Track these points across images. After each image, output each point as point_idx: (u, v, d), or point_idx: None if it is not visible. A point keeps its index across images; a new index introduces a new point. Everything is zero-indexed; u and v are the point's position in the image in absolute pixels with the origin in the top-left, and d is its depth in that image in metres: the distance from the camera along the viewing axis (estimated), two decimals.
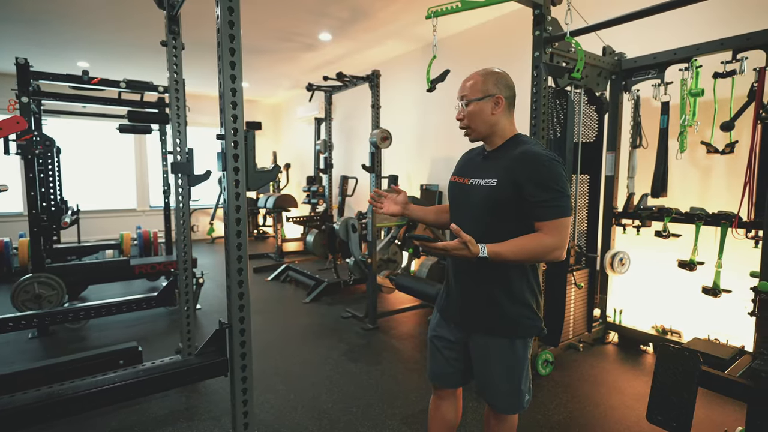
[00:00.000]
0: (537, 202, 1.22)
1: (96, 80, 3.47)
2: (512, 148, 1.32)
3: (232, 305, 1.65)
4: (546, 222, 1.22)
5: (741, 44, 2.44)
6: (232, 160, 1.59)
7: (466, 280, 1.38)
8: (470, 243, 1.16)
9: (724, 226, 2.55)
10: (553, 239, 1.21)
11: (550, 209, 1.21)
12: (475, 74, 1.36)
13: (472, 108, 1.33)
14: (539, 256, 1.23)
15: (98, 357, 2.30)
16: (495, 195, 1.27)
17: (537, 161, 1.23)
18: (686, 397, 1.60)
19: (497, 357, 1.35)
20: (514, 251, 1.21)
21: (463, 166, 1.47)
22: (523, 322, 1.34)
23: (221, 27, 1.54)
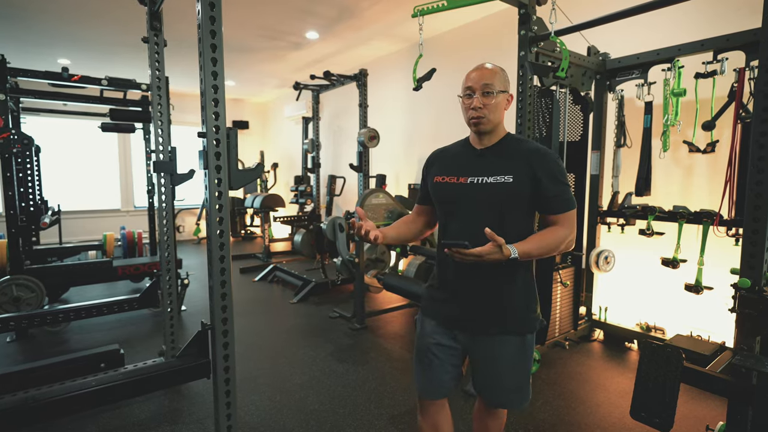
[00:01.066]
0: (552, 195, 1.26)
1: (76, 77, 3.39)
2: (515, 145, 1.33)
3: (215, 306, 1.62)
4: (561, 214, 1.27)
5: (721, 45, 2.48)
6: (214, 159, 1.56)
7: (475, 280, 1.32)
8: (504, 245, 1.16)
9: (705, 224, 2.59)
10: (568, 230, 1.27)
11: (564, 202, 1.27)
12: (494, 67, 1.32)
13: (498, 99, 1.29)
14: (558, 247, 1.27)
15: (78, 360, 2.24)
16: (512, 191, 1.26)
17: (549, 156, 1.29)
18: (669, 393, 1.62)
19: (509, 355, 1.34)
20: (539, 247, 1.23)
21: (449, 166, 1.40)
22: (531, 317, 1.35)
23: (202, 23, 1.51)
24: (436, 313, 1.42)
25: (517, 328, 1.33)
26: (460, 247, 1.17)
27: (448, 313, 1.38)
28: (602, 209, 3.15)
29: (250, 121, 8.90)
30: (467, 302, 1.34)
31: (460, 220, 1.34)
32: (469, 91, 1.31)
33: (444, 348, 1.39)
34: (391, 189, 5.45)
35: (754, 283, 1.68)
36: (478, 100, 1.28)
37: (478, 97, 1.28)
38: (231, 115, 8.74)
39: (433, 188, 1.42)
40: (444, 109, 4.68)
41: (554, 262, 2.82)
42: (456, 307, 1.36)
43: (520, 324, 1.33)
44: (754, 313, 1.63)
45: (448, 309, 1.38)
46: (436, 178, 1.40)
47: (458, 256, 1.18)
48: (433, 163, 1.46)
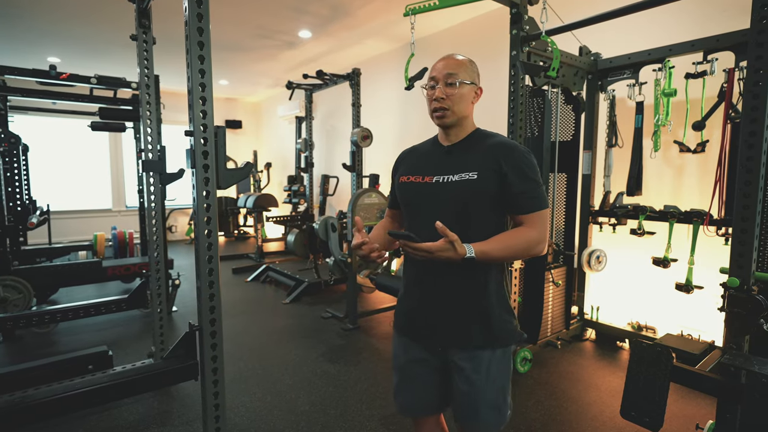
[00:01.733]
0: (518, 192, 1.15)
1: (65, 75, 3.34)
2: (481, 140, 1.23)
3: (203, 307, 1.60)
4: (528, 214, 1.16)
5: (711, 45, 2.49)
6: (202, 158, 1.54)
7: (441, 289, 1.20)
8: (457, 242, 1.05)
9: (696, 223, 2.61)
10: (537, 232, 1.15)
11: (531, 200, 1.15)
12: (461, 57, 1.24)
13: (462, 90, 1.20)
14: (525, 251, 1.15)
15: (65, 363, 2.21)
16: (477, 188, 1.16)
17: (516, 150, 1.18)
18: (659, 392, 1.62)
19: (485, 371, 1.19)
20: (501, 248, 1.12)
21: (415, 165, 1.29)
22: (508, 328, 1.22)
23: (189, 19, 1.49)
24: (404, 325, 1.30)
25: (490, 341, 1.19)
26: (407, 238, 1.07)
27: (418, 328, 1.26)
28: (594, 209, 3.16)
29: (243, 120, 8.85)
30: (437, 315, 1.21)
31: (425, 222, 1.18)
32: (432, 81, 1.23)
33: (422, 363, 1.26)
34: (384, 188, 5.44)
35: (742, 283, 1.69)
36: (440, 90, 1.19)
37: (440, 87, 1.20)
38: (224, 114, 8.70)
39: (398, 189, 1.31)
40: None
41: (546, 261, 2.82)
42: (424, 321, 1.24)
43: (494, 336, 1.19)
44: (742, 312, 1.64)
45: (416, 323, 1.26)
46: (401, 179, 1.30)
47: (408, 249, 1.08)
48: (400, 164, 1.36)
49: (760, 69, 1.64)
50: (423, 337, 1.25)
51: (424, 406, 1.30)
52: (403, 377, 1.30)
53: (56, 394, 1.66)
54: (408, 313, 1.28)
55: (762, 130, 1.66)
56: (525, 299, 2.82)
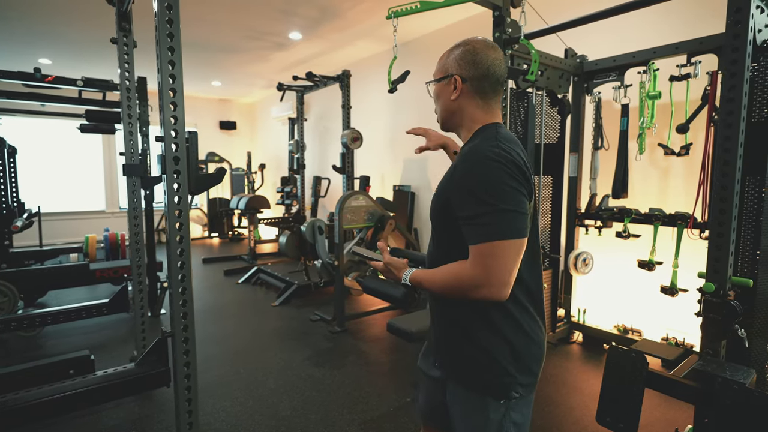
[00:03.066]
0: (461, 216, 0.91)
1: (50, 78, 3.33)
2: (464, 147, 1.05)
3: (175, 313, 1.59)
4: (471, 246, 0.89)
5: (694, 48, 2.49)
6: (173, 163, 1.53)
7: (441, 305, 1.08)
8: (392, 265, 1.02)
9: (680, 226, 2.60)
10: (475, 272, 0.87)
11: (474, 228, 0.88)
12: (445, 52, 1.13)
13: (436, 91, 1.09)
14: (459, 292, 0.91)
15: (45, 367, 2.20)
16: (436, 207, 1.02)
17: (471, 159, 0.91)
18: (633, 397, 1.61)
19: (461, 415, 1.02)
20: (433, 282, 0.97)
21: None
22: (483, 375, 0.98)
23: (159, 24, 1.48)
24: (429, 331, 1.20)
25: (471, 381, 0.99)
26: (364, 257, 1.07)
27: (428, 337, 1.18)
28: (580, 211, 3.16)
29: (237, 121, 8.84)
30: (434, 330, 1.11)
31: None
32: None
33: (424, 375, 1.17)
34: (376, 190, 5.44)
35: (718, 288, 1.68)
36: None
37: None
38: (218, 115, 8.69)
39: None
40: (428, 110, 4.66)
41: None
42: (430, 332, 1.15)
43: (477, 375, 0.98)
44: (717, 318, 1.64)
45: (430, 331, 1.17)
46: None
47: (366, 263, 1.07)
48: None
49: (734, 73, 1.63)
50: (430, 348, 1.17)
51: (429, 414, 1.19)
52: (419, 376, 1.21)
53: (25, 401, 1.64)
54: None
55: (737, 134, 1.65)
56: None
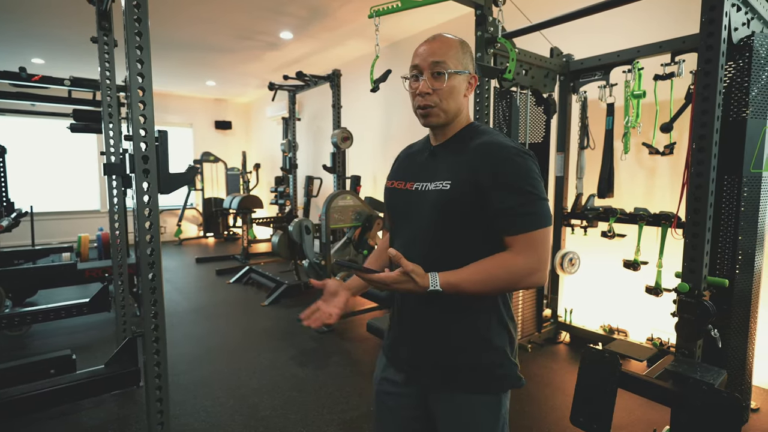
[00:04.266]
0: (503, 208, 0.91)
1: (37, 77, 3.33)
2: (468, 140, 1.00)
3: (146, 312, 1.58)
4: (516, 236, 0.90)
5: (678, 47, 2.47)
6: (141, 162, 1.53)
7: (419, 314, 1.02)
8: (415, 273, 0.86)
9: (664, 226, 2.59)
10: (528, 260, 0.89)
11: (521, 218, 0.90)
12: (449, 39, 1.00)
13: (452, 82, 0.97)
14: (511, 284, 0.91)
15: (26, 367, 2.20)
16: (449, 201, 0.95)
17: (502, 154, 0.93)
18: (606, 398, 1.60)
19: (466, 422, 0.99)
20: (476, 281, 0.89)
21: (404, 168, 1.12)
22: (496, 372, 0.98)
23: (127, 23, 1.47)
24: (388, 347, 1.11)
25: (476, 384, 0.98)
26: (356, 269, 0.89)
27: (398, 352, 1.07)
28: (567, 211, 3.14)
29: (233, 121, 8.84)
30: (414, 341, 1.03)
31: (403, 238, 1.03)
32: (415, 71, 1.00)
33: (394, 395, 1.07)
34: (368, 190, 5.43)
35: (693, 287, 1.67)
36: (425, 83, 0.97)
37: (426, 80, 0.97)
38: (214, 115, 8.69)
39: (385, 194, 1.14)
40: None
41: None
42: (404, 347, 1.05)
43: (479, 380, 0.98)
44: (692, 318, 1.63)
45: (397, 346, 1.08)
46: (388, 182, 1.13)
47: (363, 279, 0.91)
48: (394, 163, 1.18)
49: (708, 71, 1.62)
50: (401, 365, 1.07)
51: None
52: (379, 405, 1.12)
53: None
54: (394, 336, 1.10)
55: (712, 133, 1.64)
56: None
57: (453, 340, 0.98)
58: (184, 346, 3.18)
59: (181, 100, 8.25)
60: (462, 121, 1.04)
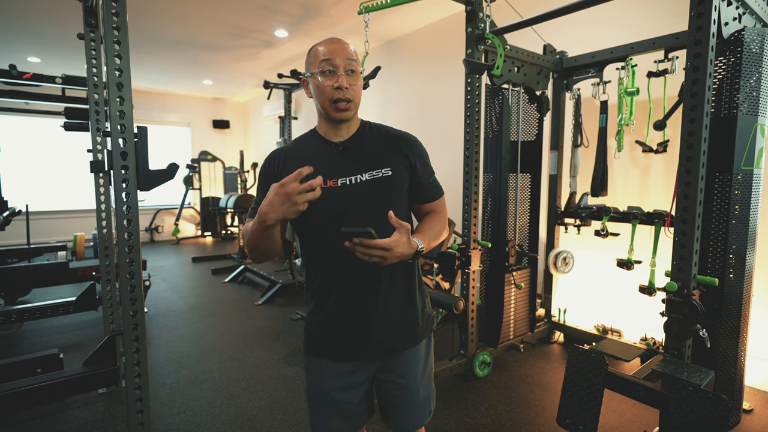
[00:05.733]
0: (426, 183, 1.19)
1: (28, 75, 3.31)
2: (376, 133, 1.17)
3: (125, 312, 1.56)
4: (437, 201, 1.21)
5: (671, 43, 2.44)
6: (120, 159, 1.50)
7: (372, 296, 1.11)
8: (408, 235, 0.97)
9: (657, 225, 2.56)
10: (446, 216, 1.22)
11: (438, 188, 1.22)
12: (344, 42, 1.09)
13: (360, 80, 1.10)
14: (444, 234, 1.19)
15: (13, 365, 2.18)
16: (394, 185, 1.11)
17: (416, 141, 1.21)
18: (592, 399, 1.58)
19: (418, 366, 1.20)
20: (434, 235, 1.12)
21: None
22: (431, 313, 1.27)
23: (105, 17, 1.45)
24: (328, 349, 1.15)
25: (423, 334, 1.22)
26: (364, 236, 0.91)
27: (346, 344, 1.14)
28: (560, 210, 3.11)
29: (231, 120, 8.83)
30: (367, 323, 1.12)
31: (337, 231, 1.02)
32: (330, 65, 1.04)
33: (348, 391, 1.16)
34: None
35: (682, 287, 1.64)
36: (344, 78, 1.04)
37: (343, 75, 1.04)
38: (211, 114, 8.68)
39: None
40: (416, 106, 4.63)
41: (507, 263, 2.77)
42: (354, 334, 1.13)
43: (424, 328, 1.23)
44: (680, 318, 1.60)
45: (344, 339, 1.13)
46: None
47: (361, 249, 0.92)
48: (284, 167, 1.12)
49: (697, 66, 1.59)
50: (356, 354, 1.14)
51: (355, 427, 1.20)
52: (331, 405, 1.16)
53: None
54: (335, 332, 1.14)
55: (701, 129, 1.61)
56: (485, 302, 2.77)
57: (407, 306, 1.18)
58: (175, 346, 3.17)
59: (178, 99, 8.24)
60: (357, 117, 1.17)
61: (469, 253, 2.45)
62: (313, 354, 1.18)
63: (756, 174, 1.84)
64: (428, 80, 4.51)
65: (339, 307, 1.12)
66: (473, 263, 2.48)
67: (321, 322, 1.15)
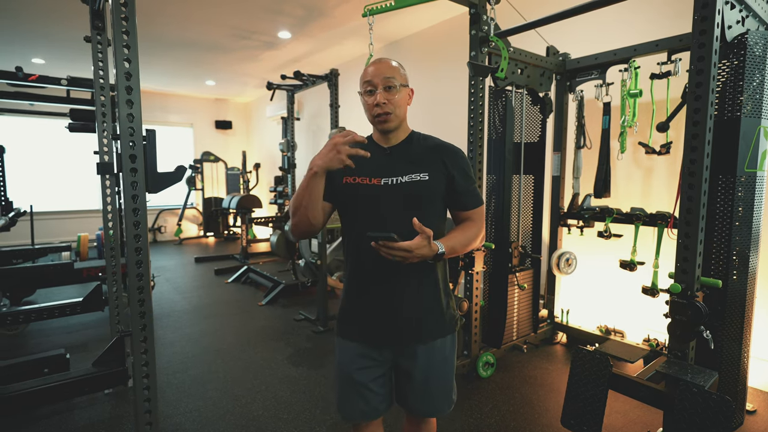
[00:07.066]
0: (464, 191, 1.27)
1: (33, 77, 3.34)
2: (421, 142, 1.30)
3: (133, 312, 1.58)
4: (473, 210, 1.28)
5: (674, 45, 2.45)
6: (129, 161, 1.52)
7: (397, 286, 1.23)
8: (430, 239, 1.10)
9: (660, 226, 2.57)
10: (481, 225, 1.29)
11: (475, 197, 1.29)
12: (391, 61, 1.26)
13: (400, 93, 1.23)
14: (475, 242, 1.27)
15: (19, 366, 2.20)
16: (429, 189, 1.23)
17: (457, 152, 1.30)
18: (597, 400, 1.59)
19: (440, 360, 1.28)
20: (461, 242, 1.22)
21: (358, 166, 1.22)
22: (455, 316, 1.34)
23: (114, 21, 1.47)
24: (355, 332, 1.28)
25: (448, 328, 1.31)
26: (388, 239, 1.05)
27: (371, 329, 1.26)
28: (563, 211, 3.12)
29: (233, 121, 8.85)
30: (393, 312, 1.24)
31: (373, 224, 1.20)
32: (370, 86, 1.22)
33: (371, 372, 1.27)
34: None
35: (685, 288, 1.65)
36: (381, 95, 1.20)
37: (380, 92, 1.20)
38: (214, 114, 8.70)
39: (342, 190, 1.26)
40: (418, 107, 4.64)
41: (511, 264, 2.78)
42: (380, 320, 1.25)
43: (447, 325, 1.31)
44: (684, 319, 1.61)
45: (370, 324, 1.26)
46: (346, 179, 1.25)
47: (385, 250, 1.07)
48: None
49: (701, 70, 1.60)
50: (380, 339, 1.26)
51: (375, 410, 1.30)
52: (353, 385, 1.28)
53: None
54: (363, 316, 1.27)
55: (704, 132, 1.62)
56: (488, 303, 2.78)
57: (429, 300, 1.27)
58: (180, 346, 3.18)
59: (181, 99, 8.26)
60: (406, 127, 1.31)
61: (472, 254, 2.46)
62: (340, 335, 1.32)
63: (759, 176, 1.85)
64: (431, 81, 4.53)
65: (367, 293, 1.27)
66: (477, 264, 2.50)
67: (350, 306, 1.30)
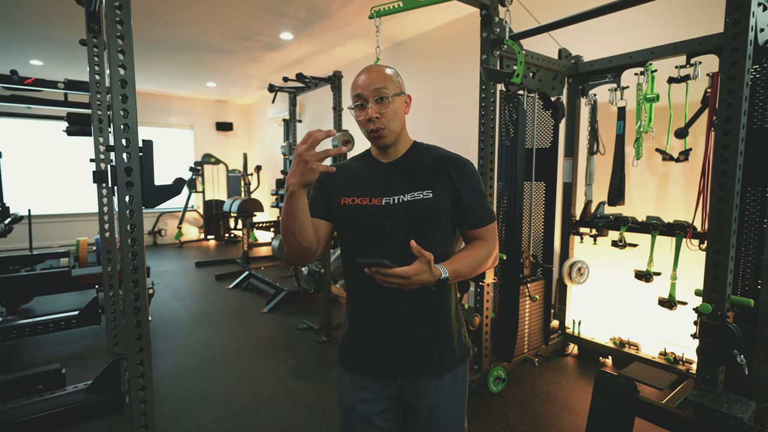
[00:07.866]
0: (473, 207, 1.13)
1: (29, 80, 3.25)
2: (423, 154, 1.17)
3: (129, 334, 1.48)
4: (484, 228, 1.14)
5: (694, 48, 2.36)
6: (124, 174, 1.43)
7: (403, 313, 1.11)
8: (431, 264, 0.97)
9: (678, 236, 2.47)
10: (494, 243, 1.15)
11: (486, 213, 1.15)
12: (384, 67, 1.12)
13: (395, 105, 1.09)
14: (486, 264, 1.13)
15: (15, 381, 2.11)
16: (434, 207, 1.10)
17: (465, 164, 1.16)
18: (621, 427, 1.49)
19: (449, 394, 1.16)
20: (468, 264, 1.08)
21: (357, 185, 1.15)
22: (467, 345, 1.21)
23: (109, 25, 1.37)
24: (358, 363, 1.17)
25: (455, 363, 1.16)
26: (380, 266, 0.95)
27: (374, 361, 1.15)
28: (575, 219, 3.02)
29: (234, 122, 8.76)
30: (395, 343, 1.12)
31: (376, 247, 1.10)
32: (360, 100, 1.09)
33: (375, 405, 1.15)
34: None
35: (716, 308, 1.55)
36: (372, 109, 1.07)
37: (372, 106, 1.07)
38: (215, 116, 8.61)
39: (340, 212, 1.15)
40: (422, 110, 4.54)
41: (522, 275, 2.69)
42: (383, 350, 1.13)
43: (458, 355, 1.17)
44: (715, 342, 1.51)
45: (372, 356, 1.15)
46: (344, 200, 1.14)
47: (379, 277, 0.96)
48: (331, 181, 1.17)
49: (734, 76, 1.50)
50: (384, 372, 1.14)
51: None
52: (356, 417, 1.16)
53: None
54: (363, 347, 1.16)
55: (737, 142, 1.52)
56: (499, 315, 2.69)
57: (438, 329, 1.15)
58: (179, 357, 3.09)
59: (181, 101, 8.17)
60: (406, 138, 1.19)
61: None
62: (342, 365, 1.21)
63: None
64: (438, 83, 4.43)
65: (369, 322, 1.15)
66: (487, 276, 2.40)
67: (352, 334, 1.19)
